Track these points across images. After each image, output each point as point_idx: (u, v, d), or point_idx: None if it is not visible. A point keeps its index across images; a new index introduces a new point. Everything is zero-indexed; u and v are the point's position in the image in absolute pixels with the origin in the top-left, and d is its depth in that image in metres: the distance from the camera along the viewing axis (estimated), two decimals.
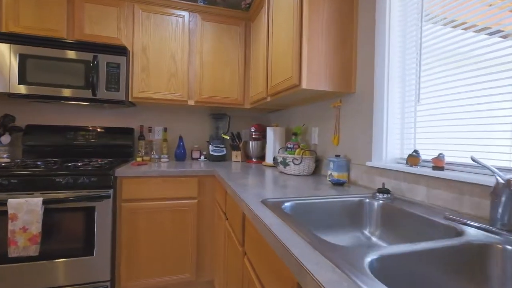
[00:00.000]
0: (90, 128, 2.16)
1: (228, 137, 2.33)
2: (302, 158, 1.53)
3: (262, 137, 2.32)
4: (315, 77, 1.31)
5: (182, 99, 2.09)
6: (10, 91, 1.74)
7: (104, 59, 1.87)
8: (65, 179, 1.54)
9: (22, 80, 1.75)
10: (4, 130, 1.99)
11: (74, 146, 2.09)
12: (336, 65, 1.35)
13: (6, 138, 1.97)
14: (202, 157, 2.35)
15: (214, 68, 2.16)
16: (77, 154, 2.10)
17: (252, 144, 2.25)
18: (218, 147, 2.33)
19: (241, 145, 2.33)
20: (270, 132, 2.04)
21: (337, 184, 1.26)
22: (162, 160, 2.18)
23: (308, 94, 1.47)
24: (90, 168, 1.62)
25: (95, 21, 1.93)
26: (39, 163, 1.72)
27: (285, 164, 1.59)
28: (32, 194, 1.50)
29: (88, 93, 1.85)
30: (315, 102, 1.75)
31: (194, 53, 2.13)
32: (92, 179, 1.58)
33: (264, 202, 0.93)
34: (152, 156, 2.16)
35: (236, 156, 2.35)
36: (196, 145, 2.42)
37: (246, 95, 2.24)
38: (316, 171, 1.69)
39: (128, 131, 2.23)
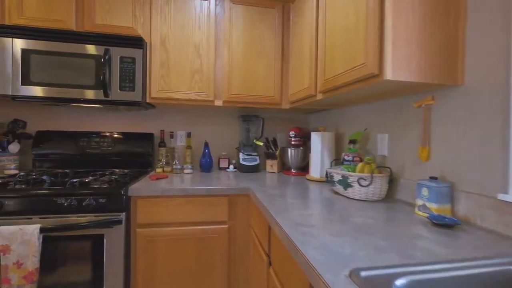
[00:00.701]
0: (106, 134, 1.89)
1: (261, 143, 1.95)
2: (372, 177, 1.11)
3: (303, 144, 1.91)
4: (404, 62, 0.88)
5: (208, 99, 1.74)
6: (13, 93, 1.49)
7: (117, 53, 1.57)
8: (68, 200, 1.25)
9: (25, 80, 1.50)
10: (13, 137, 1.77)
11: (87, 154, 1.83)
12: (434, 44, 0.91)
13: (14, 147, 1.75)
14: (231, 167, 2.00)
15: (245, 61, 1.78)
16: (91, 164, 1.84)
17: (291, 152, 1.85)
18: (250, 155, 1.96)
19: (277, 153, 1.94)
20: (316, 138, 1.63)
21: (444, 225, 0.83)
22: (185, 171, 1.85)
23: (386, 88, 1.04)
24: (97, 186, 1.32)
25: (107, 9, 1.63)
26: (44, 177, 1.46)
27: (346, 185, 1.17)
28: (30, 218, 1.22)
29: (99, 94, 1.56)
30: (385, 99, 1.31)
31: (221, 43, 1.77)
32: (101, 200, 1.28)
33: (356, 275, 0.53)
34: (174, 166, 1.84)
35: (272, 166, 1.96)
36: (224, 153, 2.06)
37: (284, 92, 1.84)
38: (388, 194, 1.25)
39: (147, 137, 1.93)
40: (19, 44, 1.49)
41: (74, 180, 1.39)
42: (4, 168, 1.65)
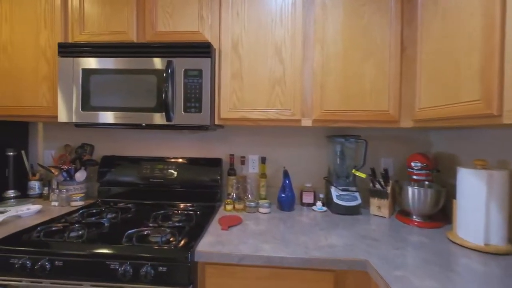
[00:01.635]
0: (169, 159, 1.62)
1: (364, 176, 1.41)
2: None
3: (432, 179, 1.29)
4: None
5: (293, 118, 1.28)
6: (74, 121, 1.30)
7: (181, 65, 1.25)
8: (123, 266, 0.94)
9: (85, 104, 1.30)
10: (80, 164, 1.64)
11: (151, 184, 1.58)
12: None
13: (81, 174, 1.61)
14: (319, 204, 1.50)
15: (345, 63, 1.27)
16: (155, 195, 1.58)
17: (413, 193, 1.25)
18: (347, 191, 1.43)
19: (389, 190, 1.36)
20: (474, 179, 1.01)
21: None
22: (261, 209, 1.44)
23: None
24: (157, 247, 0.99)
25: (170, 12, 1.33)
26: (104, 220, 1.23)
27: None
28: (80, 285, 0.96)
29: (161, 118, 1.26)
30: None
31: (311, 42, 1.29)
32: (161, 268, 0.94)
33: None
34: (247, 203, 1.44)
35: (380, 208, 1.39)
36: (309, 184, 1.58)
37: (403, 105, 1.26)
38: None
39: (215, 163, 1.59)
40: (79, 64, 1.29)
41: (132, 231, 1.10)
42: (71, 199, 1.51)
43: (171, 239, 1.07)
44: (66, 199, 1.53)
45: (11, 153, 1.53)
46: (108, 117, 1.28)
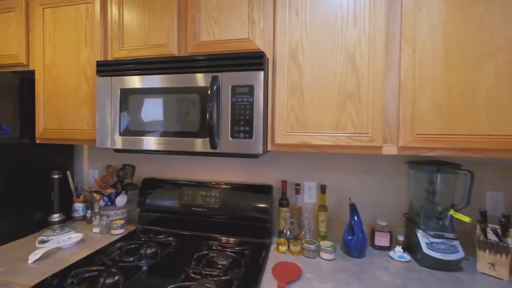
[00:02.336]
0: (212, 185, 1.42)
1: (468, 220, 1.03)
2: None
3: None
4: None
5: (371, 145, 0.98)
6: (111, 147, 1.18)
7: (228, 80, 1.03)
8: None
9: (123, 129, 1.16)
10: (121, 188, 1.54)
11: (192, 214, 1.40)
12: None
13: (122, 199, 1.50)
14: (399, 249, 1.16)
15: (448, 70, 0.92)
16: (196, 226, 1.40)
17: None
18: (441, 237, 1.07)
19: (511, 242, 0.97)
20: None
21: None
22: (323, 255, 1.15)
23: None
24: None
25: (215, 19, 1.12)
26: (141, 262, 1.07)
27: None
28: None
29: (205, 144, 1.06)
30: None
31: (396, 44, 0.98)
32: None
33: None
34: (306, 246, 1.17)
35: (493, 265, 1.01)
36: (383, 222, 1.25)
37: None
38: None
39: (264, 191, 1.35)
40: (117, 83, 1.16)
41: (172, 287, 0.91)
42: (112, 227, 1.41)
43: None
44: (106, 226, 1.43)
45: (56, 176, 1.48)
46: (146, 143, 1.12)
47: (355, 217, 1.20)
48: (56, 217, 1.48)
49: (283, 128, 1.06)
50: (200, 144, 1.06)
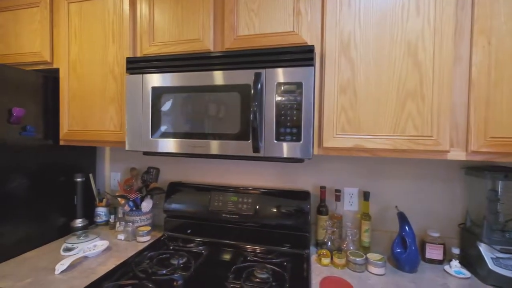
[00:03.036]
0: (245, 190, 1.33)
1: None
2: None
3: None
4: None
5: (436, 149, 0.87)
6: (141, 149, 1.09)
7: (272, 78, 0.94)
8: None
9: (155, 130, 1.08)
10: (146, 193, 1.46)
11: (222, 221, 1.31)
12: None
13: (147, 204, 1.42)
14: (456, 264, 1.05)
15: None
16: (227, 234, 1.31)
17: None
18: (510, 252, 0.96)
19: None
20: None
21: None
22: (372, 269, 1.05)
23: None
24: None
25: (255, 10, 1.03)
26: (175, 276, 0.98)
27: None
28: None
29: (246, 148, 0.97)
30: None
31: (466, 36, 0.87)
32: None
33: None
34: (352, 258, 1.07)
35: None
36: (435, 233, 1.13)
37: None
38: None
39: (301, 197, 1.25)
40: (148, 81, 1.08)
41: None
42: (137, 233, 1.33)
43: None
44: (132, 232, 1.35)
45: (80, 179, 1.41)
46: (180, 146, 1.04)
47: (406, 228, 1.09)
48: (79, 222, 1.41)
49: (332, 130, 0.96)
50: (240, 148, 0.97)
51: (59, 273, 1.03)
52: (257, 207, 1.28)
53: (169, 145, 1.05)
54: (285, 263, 1.10)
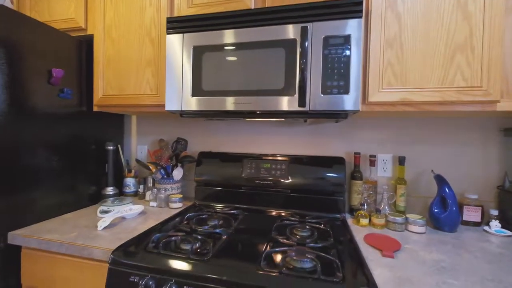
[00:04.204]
0: (277, 157, 1.33)
1: None
2: None
3: None
4: None
5: (486, 99, 0.88)
6: (183, 108, 1.10)
7: (319, 31, 0.94)
8: None
9: (196, 89, 1.08)
10: (176, 161, 1.47)
11: (256, 187, 1.32)
12: None
13: (178, 172, 1.43)
14: (496, 224, 1.06)
15: None
16: (260, 200, 1.32)
17: None
18: None
19: None
20: None
21: None
22: (413, 228, 1.05)
23: None
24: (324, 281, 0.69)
25: None
26: (219, 231, 0.98)
27: None
28: None
29: (292, 102, 0.97)
30: None
31: None
32: None
33: None
34: (392, 218, 1.07)
35: None
36: (473, 195, 1.14)
37: None
38: None
39: (336, 162, 1.26)
40: (189, 41, 1.08)
41: (270, 251, 0.83)
42: (170, 200, 1.33)
43: (335, 270, 0.75)
44: (164, 199, 1.35)
45: (111, 147, 1.42)
46: (223, 103, 1.04)
47: (446, 189, 1.09)
48: (110, 190, 1.42)
49: (378, 85, 0.96)
50: (286, 103, 0.97)
51: (101, 229, 1.03)
52: (291, 172, 1.28)
53: (211, 103, 1.06)
54: (322, 224, 1.10)
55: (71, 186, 1.26)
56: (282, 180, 1.28)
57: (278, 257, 0.81)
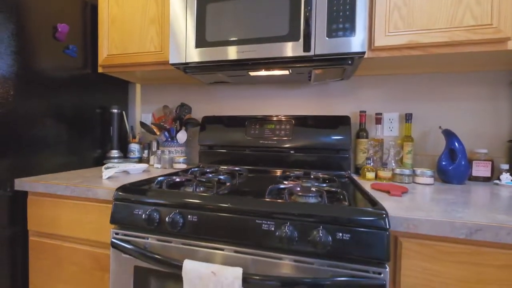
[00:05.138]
0: (281, 118, 1.32)
1: None
2: None
3: None
4: None
5: (495, 37, 0.85)
6: (187, 60, 1.09)
7: None
8: (282, 228, 0.65)
9: (200, 40, 1.07)
10: (181, 125, 1.47)
11: (260, 148, 1.31)
12: None
13: (183, 135, 1.43)
14: (506, 175, 1.03)
15: None
16: (265, 161, 1.31)
17: None
18: None
19: None
20: None
21: None
22: (420, 180, 1.03)
23: None
24: (342, 208, 0.68)
25: None
26: (224, 178, 0.98)
27: None
28: (222, 250, 0.70)
29: (295, 48, 0.96)
30: None
31: None
32: (340, 235, 0.62)
33: None
34: (399, 170, 1.05)
35: None
36: (482, 149, 1.11)
37: None
38: None
39: (341, 122, 1.24)
40: None
41: (275, 186, 0.82)
42: (173, 161, 1.33)
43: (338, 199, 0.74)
44: (169, 161, 1.35)
45: (116, 110, 1.42)
46: (226, 52, 1.03)
47: (455, 142, 1.07)
48: (115, 153, 1.42)
49: (384, 28, 0.94)
50: (290, 48, 0.96)
51: (106, 178, 1.03)
52: (295, 132, 1.27)
53: (215, 53, 1.05)
54: (328, 175, 1.09)
55: (77, 148, 1.27)
56: (286, 140, 1.27)
57: (283, 192, 0.80)
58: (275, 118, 1.33)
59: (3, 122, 0.96)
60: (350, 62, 0.95)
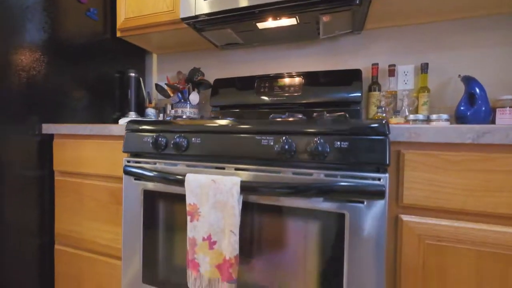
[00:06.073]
0: (292, 75, 1.32)
1: None
2: None
3: None
4: None
5: None
6: (198, 13, 1.13)
7: None
8: (282, 141, 0.66)
9: None
10: (193, 87, 1.52)
11: (271, 104, 1.32)
12: None
13: (195, 97, 1.47)
14: None
15: None
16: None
17: None
18: None
19: None
20: None
21: None
22: (435, 124, 0.99)
23: None
24: (338, 124, 0.67)
25: None
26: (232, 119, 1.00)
27: None
28: (222, 169, 0.73)
29: None
30: None
31: None
32: (339, 144, 0.62)
33: None
34: (412, 116, 1.01)
35: None
36: (508, 96, 1.04)
37: None
38: None
39: (352, 75, 1.22)
40: None
41: (277, 115, 0.83)
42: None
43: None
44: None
45: (133, 74, 1.50)
46: (233, 1, 1.06)
47: (475, 87, 1.00)
48: (132, 114, 1.49)
49: None
50: None
51: (122, 123, 1.10)
52: (305, 87, 1.26)
53: (224, 2, 1.08)
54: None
55: (97, 111, 1.36)
56: (296, 96, 1.27)
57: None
58: (285, 75, 1.33)
59: (35, 87, 1.06)
60: (357, 0, 0.93)
